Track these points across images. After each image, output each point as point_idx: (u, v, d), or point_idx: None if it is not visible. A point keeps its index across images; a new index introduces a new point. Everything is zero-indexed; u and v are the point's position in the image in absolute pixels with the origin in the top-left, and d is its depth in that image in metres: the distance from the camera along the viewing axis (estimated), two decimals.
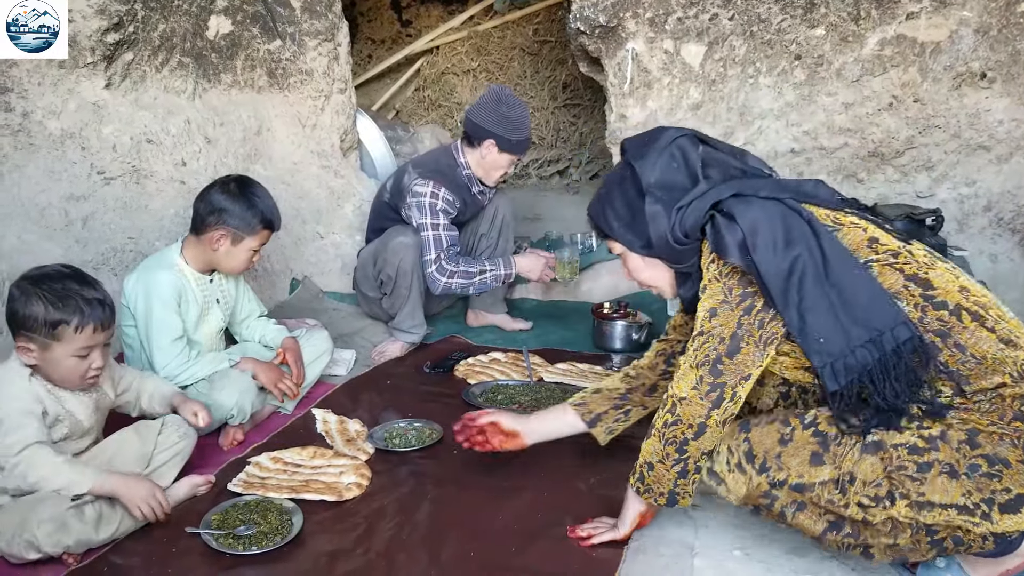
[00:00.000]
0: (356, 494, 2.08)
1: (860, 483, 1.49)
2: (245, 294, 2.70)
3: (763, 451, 1.61)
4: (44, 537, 1.73)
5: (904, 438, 1.48)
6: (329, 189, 3.82)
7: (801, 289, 1.50)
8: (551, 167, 5.96)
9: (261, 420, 2.57)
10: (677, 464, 1.67)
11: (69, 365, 1.85)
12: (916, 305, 1.50)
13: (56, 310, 1.80)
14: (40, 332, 1.80)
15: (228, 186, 2.45)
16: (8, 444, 1.78)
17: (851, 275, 1.50)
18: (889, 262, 1.53)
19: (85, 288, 1.85)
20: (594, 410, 2.03)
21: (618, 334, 3.18)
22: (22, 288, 1.83)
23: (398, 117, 6.01)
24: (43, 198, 2.78)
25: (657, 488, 1.71)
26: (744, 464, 1.63)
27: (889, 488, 1.47)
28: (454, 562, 1.80)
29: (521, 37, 5.94)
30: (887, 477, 1.48)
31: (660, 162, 1.66)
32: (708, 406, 1.60)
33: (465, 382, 2.86)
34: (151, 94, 3.21)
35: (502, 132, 2.99)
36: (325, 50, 3.68)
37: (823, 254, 1.51)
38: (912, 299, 1.50)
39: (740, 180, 1.64)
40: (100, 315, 1.85)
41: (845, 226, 1.58)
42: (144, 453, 2.03)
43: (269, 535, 1.87)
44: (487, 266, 3.07)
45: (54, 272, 1.87)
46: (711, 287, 1.63)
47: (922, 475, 1.45)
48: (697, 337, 1.62)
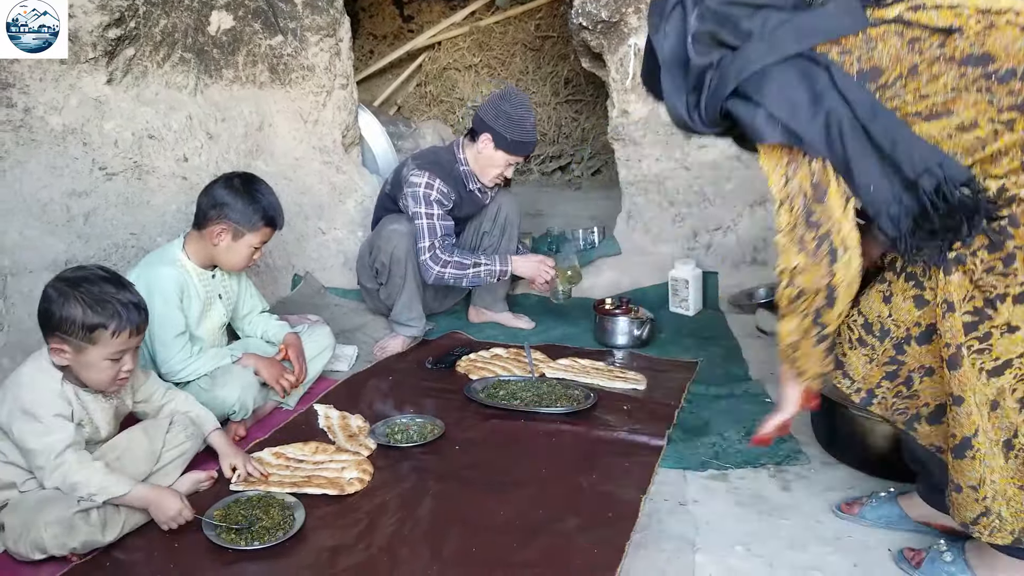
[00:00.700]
0: (358, 488, 2.09)
1: (957, 305, 1.45)
2: (247, 290, 2.70)
3: (875, 316, 1.57)
4: (50, 539, 1.73)
5: (979, 242, 1.43)
6: (331, 185, 3.82)
7: (842, 140, 1.44)
8: (553, 163, 5.96)
9: (263, 416, 2.57)
10: (820, 340, 1.58)
11: (102, 368, 1.85)
12: (980, 89, 1.37)
13: (94, 314, 1.79)
14: (76, 335, 1.80)
15: (232, 182, 2.46)
16: (49, 443, 1.78)
17: (883, 120, 1.43)
18: (936, 56, 1.39)
19: (121, 292, 1.86)
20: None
21: (620, 330, 3.18)
22: (59, 290, 1.81)
23: (400, 113, 6.01)
24: (45, 194, 2.79)
25: (808, 366, 1.63)
26: (864, 336, 1.60)
27: (983, 298, 1.44)
28: (456, 557, 1.80)
29: (523, 32, 5.93)
30: (976, 287, 1.44)
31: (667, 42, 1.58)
32: (826, 264, 1.50)
33: (467, 378, 2.86)
34: (153, 90, 3.21)
35: (499, 128, 2.99)
36: (327, 45, 3.67)
37: (848, 104, 1.43)
38: (974, 84, 1.37)
39: (746, 47, 1.51)
40: (136, 319, 1.86)
41: (878, 42, 1.44)
42: (153, 451, 2.03)
43: (271, 530, 1.88)
44: (482, 260, 3.07)
45: (92, 275, 1.86)
46: (769, 157, 1.53)
47: (1010, 268, 1.41)
48: (780, 207, 1.53)
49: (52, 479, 1.79)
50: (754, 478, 2.16)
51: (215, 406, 2.29)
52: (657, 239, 3.78)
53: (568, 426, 2.45)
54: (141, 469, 1.99)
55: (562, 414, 2.52)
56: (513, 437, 2.40)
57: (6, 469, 1.86)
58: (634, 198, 3.87)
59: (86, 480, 1.78)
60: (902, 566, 1.75)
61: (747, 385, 2.78)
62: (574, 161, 5.94)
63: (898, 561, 1.77)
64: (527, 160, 5.74)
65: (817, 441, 2.32)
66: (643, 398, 2.69)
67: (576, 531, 1.89)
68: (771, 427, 1.79)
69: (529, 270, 3.13)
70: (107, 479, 1.81)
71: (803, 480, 2.15)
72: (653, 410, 2.57)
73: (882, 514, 1.92)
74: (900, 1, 1.44)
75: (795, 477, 2.17)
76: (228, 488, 2.10)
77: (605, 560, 1.76)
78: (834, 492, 2.08)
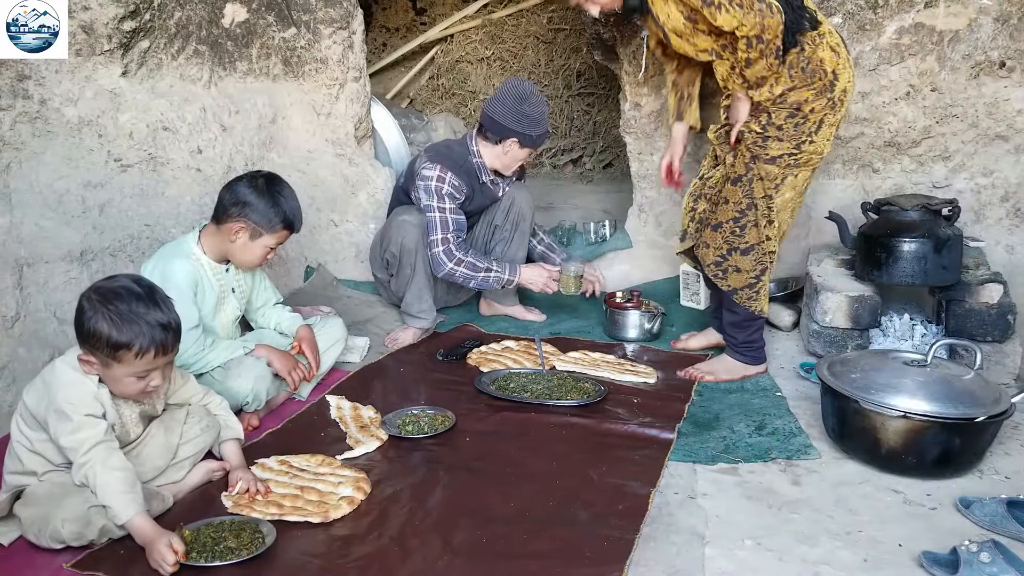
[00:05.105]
0: (346, 511, 1.95)
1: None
2: (261, 282, 2.71)
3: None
4: (68, 534, 1.75)
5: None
6: (343, 177, 3.83)
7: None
8: (565, 156, 5.95)
9: (276, 406, 2.59)
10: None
11: (127, 384, 1.85)
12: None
13: (119, 333, 1.77)
14: (102, 351, 1.79)
15: (256, 181, 2.46)
16: (79, 440, 1.78)
17: None
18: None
19: (152, 311, 1.82)
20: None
21: (631, 323, 3.19)
22: (92, 302, 1.80)
23: (412, 105, 6.01)
24: (61, 185, 2.81)
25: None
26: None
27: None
28: (466, 547, 1.81)
29: (536, 25, 5.92)
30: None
31: None
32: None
33: (477, 370, 2.87)
34: (167, 82, 3.23)
35: (524, 130, 3.01)
36: (340, 38, 3.68)
37: None
38: None
39: None
40: (163, 339, 1.82)
41: None
42: (170, 444, 2.02)
43: (235, 550, 1.79)
44: (494, 266, 3.08)
45: (124, 290, 1.83)
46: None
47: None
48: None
49: (78, 476, 1.80)
50: (764, 472, 2.16)
51: (228, 397, 2.30)
52: (668, 232, 3.77)
53: (578, 419, 2.46)
54: (159, 463, 2.00)
55: (572, 407, 2.53)
56: (523, 429, 2.41)
57: (31, 458, 1.88)
58: (645, 192, 3.86)
59: (99, 491, 1.77)
60: (934, 570, 1.71)
61: (757, 378, 2.78)
62: (586, 154, 5.93)
63: (929, 566, 1.72)
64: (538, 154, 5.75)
65: (828, 436, 2.32)
66: (653, 391, 2.69)
67: (586, 523, 1.90)
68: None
69: (535, 283, 3.14)
70: (116, 498, 1.77)
71: (813, 475, 2.15)
72: (663, 403, 2.57)
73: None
74: None
75: (805, 471, 2.17)
76: (221, 498, 2.02)
77: (615, 552, 1.77)
78: (844, 486, 2.08)
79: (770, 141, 2.52)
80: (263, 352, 2.50)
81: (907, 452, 2.09)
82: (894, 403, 2.07)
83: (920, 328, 2.88)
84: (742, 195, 2.57)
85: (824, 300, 2.86)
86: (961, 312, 2.74)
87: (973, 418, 2.04)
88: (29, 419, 1.87)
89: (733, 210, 2.59)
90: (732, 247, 2.62)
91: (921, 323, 2.91)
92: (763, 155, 2.53)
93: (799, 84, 2.47)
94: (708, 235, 2.68)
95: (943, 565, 1.71)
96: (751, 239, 2.60)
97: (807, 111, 2.49)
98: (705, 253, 2.69)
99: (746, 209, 2.57)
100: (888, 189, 3.34)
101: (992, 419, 2.06)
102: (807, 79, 2.47)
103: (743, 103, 2.57)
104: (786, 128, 2.50)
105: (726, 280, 2.66)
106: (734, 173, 2.59)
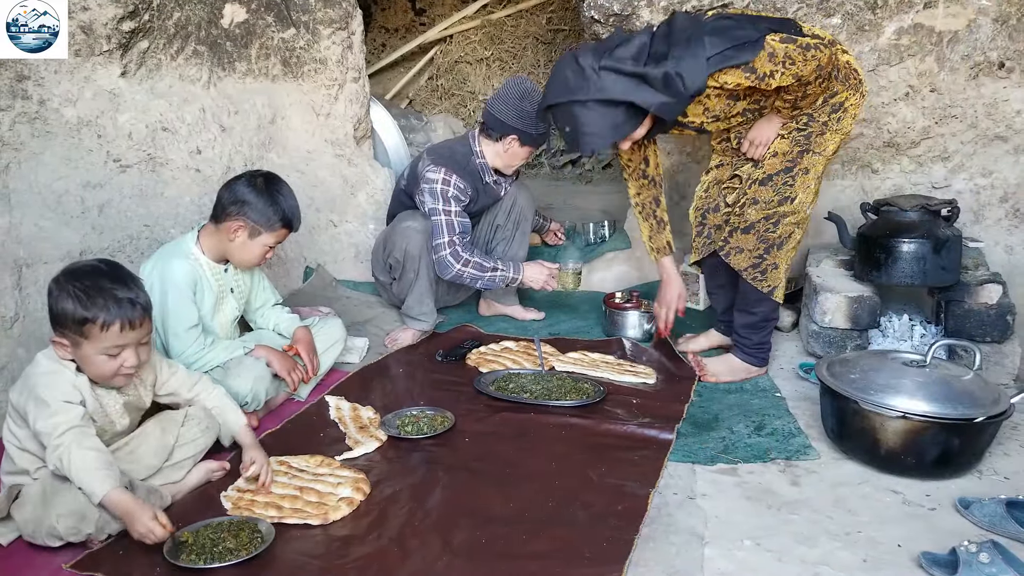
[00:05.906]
0: (345, 513, 1.95)
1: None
2: (260, 283, 2.72)
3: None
4: (64, 530, 1.75)
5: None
6: (343, 178, 3.83)
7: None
8: (564, 157, 5.94)
9: (275, 407, 2.59)
10: None
11: (99, 362, 1.84)
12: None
13: (83, 308, 1.78)
14: (70, 329, 1.80)
15: (255, 180, 2.47)
16: (54, 424, 1.78)
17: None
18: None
19: (117, 286, 1.83)
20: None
21: (630, 323, 3.19)
22: (58, 284, 1.82)
23: (411, 106, 6.01)
24: (60, 185, 2.81)
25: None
26: None
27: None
28: (465, 548, 1.81)
29: (535, 26, 5.92)
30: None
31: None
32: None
33: (476, 370, 2.87)
34: (166, 82, 3.23)
35: (524, 127, 3.01)
36: (339, 38, 3.68)
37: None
38: None
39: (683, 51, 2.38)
40: (129, 313, 1.82)
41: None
42: (165, 445, 2.02)
43: (235, 551, 1.79)
44: (499, 266, 3.09)
45: (89, 268, 1.85)
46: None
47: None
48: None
49: (52, 459, 1.78)
50: (763, 472, 2.16)
51: None
52: None
53: (577, 419, 2.46)
54: (151, 463, 2.00)
55: (571, 407, 2.53)
56: (522, 430, 2.41)
57: (21, 456, 1.88)
58: None
59: (74, 473, 1.74)
60: (933, 571, 1.71)
61: (756, 379, 2.78)
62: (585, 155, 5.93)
63: (928, 566, 1.72)
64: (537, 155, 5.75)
65: (827, 436, 2.32)
66: (652, 392, 2.69)
67: (585, 523, 1.90)
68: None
69: (536, 281, 3.15)
70: (90, 475, 1.74)
71: (813, 475, 2.15)
72: (662, 404, 2.57)
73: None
74: None
75: (804, 472, 2.17)
76: (220, 498, 2.03)
77: (614, 553, 1.77)
78: (843, 487, 2.08)
79: (826, 135, 2.57)
80: (262, 352, 2.50)
81: (906, 452, 2.09)
82: (893, 404, 2.07)
83: (919, 329, 2.88)
84: (773, 193, 2.59)
85: (823, 301, 2.86)
86: (960, 313, 2.75)
87: (972, 419, 2.04)
88: (15, 416, 1.88)
89: (764, 209, 2.60)
90: (769, 244, 2.63)
91: (920, 324, 2.91)
92: (816, 149, 2.58)
93: (841, 89, 2.55)
94: (740, 239, 2.66)
95: (942, 565, 1.71)
96: (783, 232, 2.62)
97: (847, 106, 2.56)
98: (739, 259, 2.67)
99: (778, 205, 2.59)
100: (887, 190, 3.34)
101: (991, 420, 2.06)
102: (844, 82, 2.54)
103: (773, 123, 2.59)
104: (830, 123, 2.57)
105: (765, 280, 2.66)
106: (762, 175, 2.62)
